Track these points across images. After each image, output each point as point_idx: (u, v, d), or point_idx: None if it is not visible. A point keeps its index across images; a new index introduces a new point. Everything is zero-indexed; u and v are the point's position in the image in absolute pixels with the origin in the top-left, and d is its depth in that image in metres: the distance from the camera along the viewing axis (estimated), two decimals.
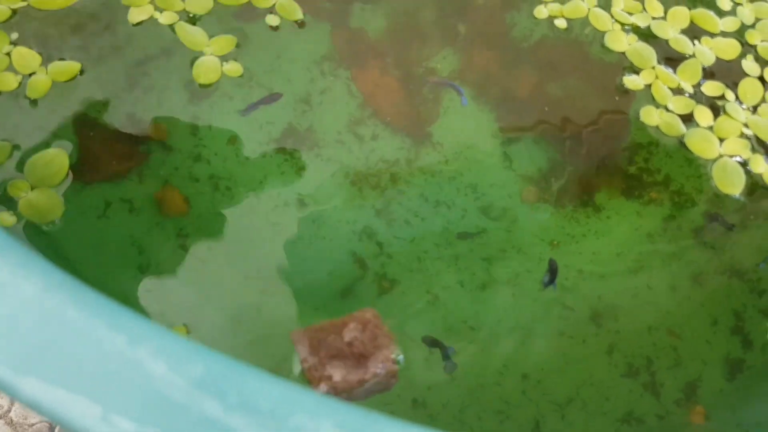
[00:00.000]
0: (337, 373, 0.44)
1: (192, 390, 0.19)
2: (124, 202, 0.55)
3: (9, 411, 0.60)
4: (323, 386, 0.45)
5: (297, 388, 0.20)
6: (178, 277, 0.54)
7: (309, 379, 0.46)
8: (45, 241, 0.51)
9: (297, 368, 0.48)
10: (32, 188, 0.52)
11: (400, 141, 0.61)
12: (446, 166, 0.60)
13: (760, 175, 0.60)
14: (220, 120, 0.59)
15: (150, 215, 0.55)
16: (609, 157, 0.62)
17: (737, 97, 0.62)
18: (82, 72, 0.58)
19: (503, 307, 0.56)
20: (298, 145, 0.59)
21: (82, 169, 0.55)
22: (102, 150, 0.56)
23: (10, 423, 0.60)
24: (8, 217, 0.50)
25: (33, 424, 0.59)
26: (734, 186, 0.59)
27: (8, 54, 0.57)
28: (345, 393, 0.46)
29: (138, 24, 0.61)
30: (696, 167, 0.61)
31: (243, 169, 0.58)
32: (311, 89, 0.62)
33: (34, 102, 0.56)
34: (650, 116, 0.61)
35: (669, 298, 0.57)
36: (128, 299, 0.51)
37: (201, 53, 0.60)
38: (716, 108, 0.63)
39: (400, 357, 0.50)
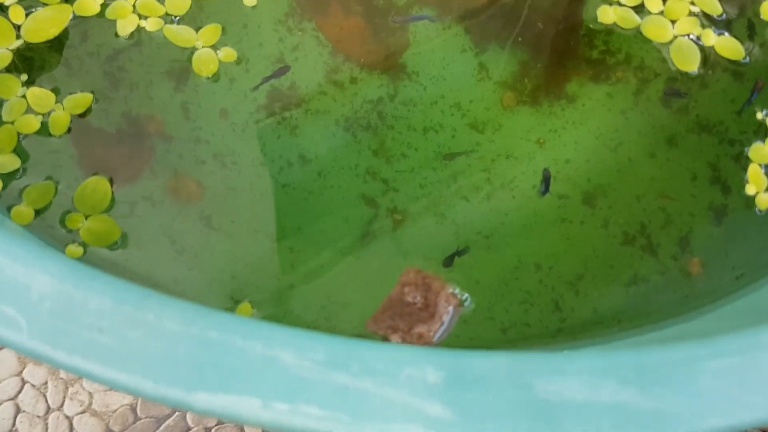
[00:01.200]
0: (424, 330, 0.51)
1: (322, 369, 0.24)
2: (146, 199, 0.58)
3: (91, 404, 0.66)
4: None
5: (399, 347, 0.25)
6: (213, 254, 0.58)
7: None
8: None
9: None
10: (86, 217, 0.56)
11: (377, 79, 0.64)
12: (425, 93, 0.64)
13: (712, 47, 0.64)
14: (206, 99, 0.62)
15: (171, 205, 0.59)
16: (572, 48, 0.66)
17: None
18: (96, 100, 0.60)
19: (506, 210, 0.61)
20: (286, 105, 0.63)
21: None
22: (114, 156, 0.59)
23: (95, 413, 0.66)
24: (75, 248, 0.54)
25: (116, 410, 0.66)
26: (691, 63, 0.64)
27: (23, 96, 0.59)
28: (438, 337, 0.53)
29: (130, 36, 0.63)
30: (646, 39, 0.65)
31: (242, 141, 0.61)
32: (282, 48, 0.64)
33: (59, 137, 0.59)
34: (606, 15, 0.65)
35: (650, 165, 0.62)
36: (178, 284, 0.56)
37: (194, 48, 0.62)
38: None
39: (465, 296, 0.56)
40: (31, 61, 0.62)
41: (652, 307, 0.57)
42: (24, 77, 0.60)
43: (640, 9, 0.66)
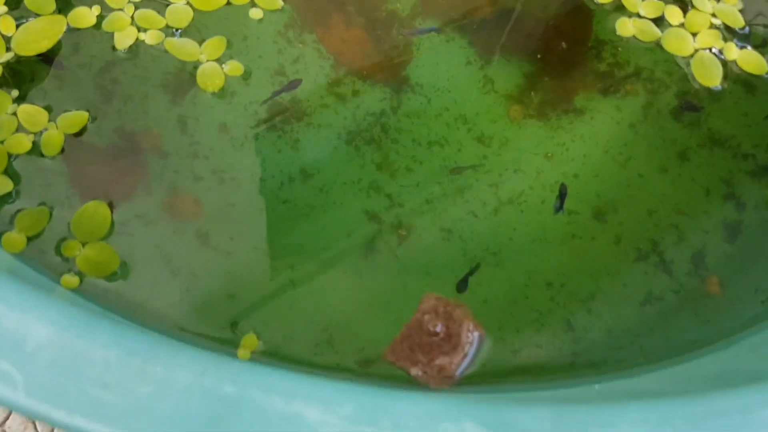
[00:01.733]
0: (445, 362, 0.48)
1: (349, 426, 0.22)
2: (140, 218, 0.56)
3: (3, 423, 0.62)
4: (445, 383, 0.49)
5: (434, 397, 0.23)
6: (210, 274, 0.56)
7: (431, 384, 0.50)
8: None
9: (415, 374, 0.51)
10: (83, 245, 0.53)
11: (380, 92, 0.62)
12: (429, 106, 0.62)
13: (734, 62, 0.63)
14: (205, 113, 0.60)
15: (166, 223, 0.56)
16: (579, 60, 0.64)
17: None
18: (93, 119, 0.57)
19: (514, 225, 0.59)
20: (286, 119, 0.60)
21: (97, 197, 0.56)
22: (106, 173, 0.57)
23: None
24: (71, 279, 0.51)
25: None
26: (714, 78, 0.62)
27: (14, 114, 0.55)
28: (460, 371, 0.51)
29: (128, 50, 0.60)
30: (663, 52, 0.64)
31: (241, 156, 0.59)
32: (283, 61, 0.62)
33: (51, 158, 0.56)
34: (625, 27, 0.63)
35: (661, 180, 0.61)
36: (174, 308, 0.54)
37: (198, 62, 0.60)
38: (684, 4, 0.65)
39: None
40: (22, 76, 0.59)
41: (672, 332, 0.55)
42: (15, 93, 0.57)
43: (659, 21, 0.64)
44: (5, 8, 0.59)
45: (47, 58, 0.60)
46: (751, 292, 0.56)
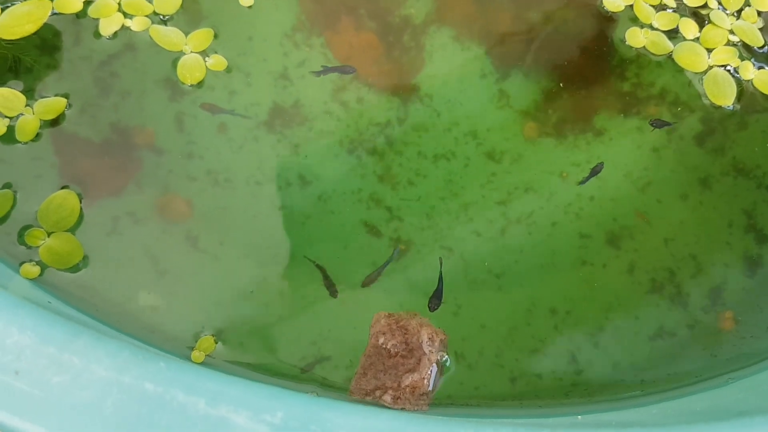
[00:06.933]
0: (416, 380, 0.44)
1: None
2: (129, 215, 0.54)
3: None
4: (422, 401, 0.45)
5: (372, 411, 0.20)
6: (197, 278, 0.53)
7: (408, 408, 0.46)
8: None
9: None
10: (49, 234, 0.51)
11: (387, 101, 0.59)
12: (439, 119, 0.59)
13: (750, 82, 0.59)
14: (204, 113, 0.58)
15: (156, 223, 0.54)
16: (601, 78, 0.61)
17: (720, 4, 0.61)
18: (69, 106, 0.56)
19: (521, 247, 0.56)
20: (288, 123, 0.58)
21: (82, 190, 0.54)
22: (96, 167, 0.55)
23: None
24: (31, 268, 0.49)
25: None
26: (726, 96, 0.59)
27: None
28: (434, 384, 0.47)
29: (113, 36, 0.58)
30: (683, 75, 0.61)
31: (238, 158, 0.57)
32: (288, 64, 0.60)
33: (25, 144, 0.54)
34: (635, 38, 0.60)
35: (681, 208, 0.57)
36: (155, 309, 0.51)
37: (181, 53, 0.58)
38: (701, 18, 0.62)
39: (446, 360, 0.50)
40: (4, 60, 0.57)
41: (678, 367, 0.51)
42: None
43: (673, 34, 0.61)
44: None
45: (34, 44, 0.58)
46: (763, 329, 0.52)
